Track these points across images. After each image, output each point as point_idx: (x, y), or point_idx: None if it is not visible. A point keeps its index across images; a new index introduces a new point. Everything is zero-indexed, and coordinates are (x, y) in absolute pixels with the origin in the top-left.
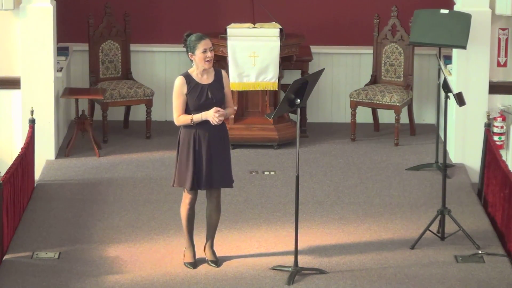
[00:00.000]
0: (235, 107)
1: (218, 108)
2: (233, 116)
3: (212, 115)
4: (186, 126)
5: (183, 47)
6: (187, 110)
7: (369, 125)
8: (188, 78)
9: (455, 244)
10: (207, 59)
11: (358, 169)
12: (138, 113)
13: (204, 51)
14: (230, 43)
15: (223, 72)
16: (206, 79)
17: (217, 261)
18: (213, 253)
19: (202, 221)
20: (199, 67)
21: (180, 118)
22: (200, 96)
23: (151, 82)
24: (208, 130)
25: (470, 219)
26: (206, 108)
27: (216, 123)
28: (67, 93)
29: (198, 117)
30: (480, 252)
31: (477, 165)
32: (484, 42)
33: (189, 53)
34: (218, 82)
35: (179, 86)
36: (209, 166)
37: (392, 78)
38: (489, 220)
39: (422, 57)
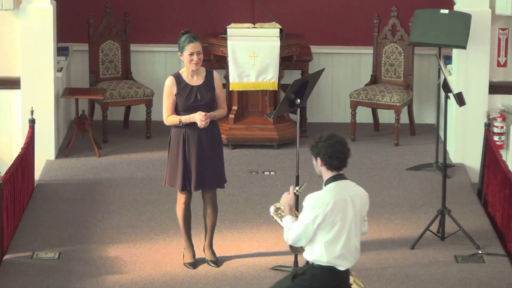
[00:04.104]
0: (235, 107)
1: (203, 113)
2: (233, 116)
3: (199, 119)
4: (177, 126)
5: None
6: (176, 111)
7: (369, 125)
8: (178, 78)
9: (455, 244)
10: (192, 62)
11: (358, 169)
12: (138, 113)
13: (191, 54)
14: (230, 43)
15: (215, 73)
16: (196, 80)
17: (217, 261)
18: (213, 253)
19: (200, 221)
20: (188, 68)
21: (169, 118)
22: (189, 97)
23: (151, 82)
24: (198, 130)
25: (470, 219)
26: (195, 109)
27: (203, 126)
28: (67, 93)
29: (186, 118)
30: (480, 252)
31: (477, 165)
32: (484, 42)
33: (178, 52)
34: (209, 84)
35: (169, 86)
36: (199, 166)
37: (392, 78)
38: (489, 220)
39: (422, 57)
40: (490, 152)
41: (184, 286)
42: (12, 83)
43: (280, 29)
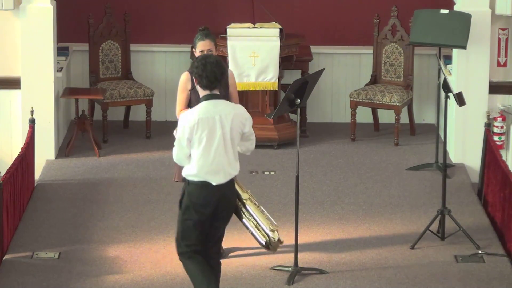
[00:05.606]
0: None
1: None
2: None
3: None
4: None
5: None
6: (190, 106)
7: (369, 125)
8: None
9: (455, 244)
10: None
11: (358, 169)
12: (138, 113)
13: (201, 52)
14: (230, 43)
15: (230, 71)
16: None
17: (223, 252)
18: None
19: None
20: None
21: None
22: None
23: (151, 82)
24: None
25: (470, 219)
26: None
27: None
28: (67, 93)
29: None
30: (480, 252)
31: (477, 165)
32: (484, 42)
33: (193, 48)
34: None
35: (184, 81)
36: None
37: (392, 78)
38: (489, 220)
39: (422, 57)
40: (490, 152)
41: (184, 286)
42: (12, 83)
43: (280, 29)
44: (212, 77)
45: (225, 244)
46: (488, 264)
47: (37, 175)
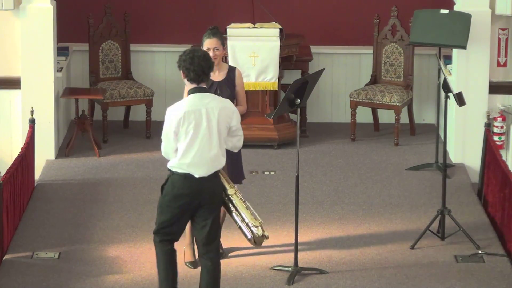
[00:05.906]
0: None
1: None
2: None
3: None
4: None
5: None
6: None
7: (369, 125)
8: None
9: (455, 244)
10: None
11: (358, 169)
12: (138, 113)
13: (208, 50)
14: (230, 43)
15: (237, 70)
16: (218, 76)
17: (223, 253)
18: (220, 244)
19: None
20: None
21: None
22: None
23: (151, 82)
24: None
25: (470, 219)
26: None
27: None
28: (67, 93)
29: None
30: (480, 252)
31: (477, 165)
32: (484, 42)
33: (201, 47)
34: (230, 80)
35: None
36: None
37: (392, 78)
38: (489, 220)
39: (422, 57)
40: (490, 152)
41: (184, 286)
42: (12, 83)
43: (280, 29)
44: (200, 70)
45: (225, 244)
46: (488, 264)
47: (37, 175)
